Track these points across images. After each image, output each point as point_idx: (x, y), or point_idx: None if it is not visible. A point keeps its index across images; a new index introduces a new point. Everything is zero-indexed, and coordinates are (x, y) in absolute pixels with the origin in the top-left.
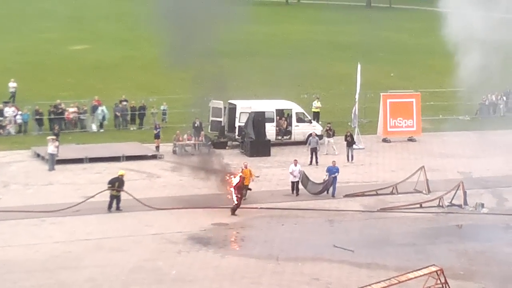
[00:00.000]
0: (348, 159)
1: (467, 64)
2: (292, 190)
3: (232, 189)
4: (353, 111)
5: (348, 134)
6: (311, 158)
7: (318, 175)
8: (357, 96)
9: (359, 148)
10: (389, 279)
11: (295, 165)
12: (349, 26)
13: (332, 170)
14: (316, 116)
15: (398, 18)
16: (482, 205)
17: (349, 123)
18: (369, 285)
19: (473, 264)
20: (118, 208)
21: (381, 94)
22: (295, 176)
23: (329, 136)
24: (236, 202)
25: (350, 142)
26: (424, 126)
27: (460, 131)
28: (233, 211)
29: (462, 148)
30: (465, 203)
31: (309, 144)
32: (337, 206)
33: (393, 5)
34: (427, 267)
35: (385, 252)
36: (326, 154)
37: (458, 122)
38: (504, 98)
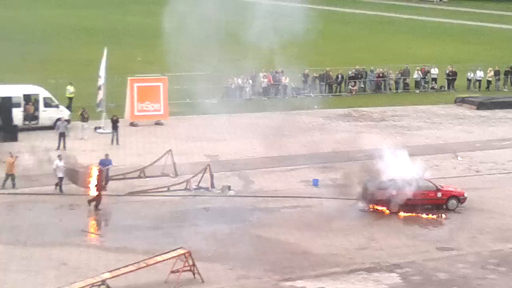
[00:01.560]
0: (113, 142)
1: None
2: (57, 185)
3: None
4: (98, 95)
5: (114, 118)
6: (59, 142)
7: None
8: (103, 81)
9: (107, 132)
10: (137, 262)
11: (60, 160)
12: (96, 11)
13: (105, 163)
14: (70, 101)
15: (145, 2)
16: (229, 188)
17: (95, 108)
18: (118, 268)
19: (220, 246)
20: None
21: (128, 78)
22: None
23: (84, 120)
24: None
25: (115, 125)
26: (171, 110)
27: (207, 114)
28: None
29: (209, 131)
30: (212, 185)
31: (58, 128)
32: (85, 190)
33: None
34: (175, 249)
35: (134, 236)
36: (81, 139)
37: (205, 105)
38: (250, 81)
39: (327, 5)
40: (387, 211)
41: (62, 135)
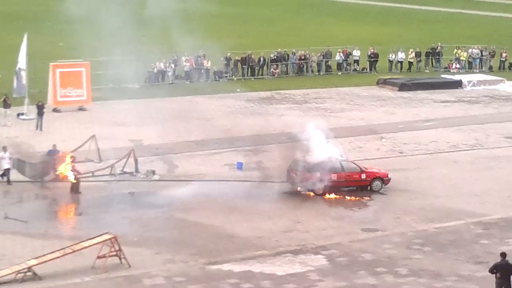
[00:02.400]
0: (37, 128)
1: None
2: (3, 176)
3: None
4: (16, 81)
5: (40, 103)
6: None
7: None
8: (24, 66)
9: (30, 119)
10: (63, 248)
11: (5, 151)
12: None
13: (53, 153)
14: None
15: None
16: (153, 172)
17: (13, 95)
18: (44, 255)
19: (146, 231)
20: None
21: (50, 64)
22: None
23: (6, 107)
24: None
25: (40, 111)
26: (94, 95)
27: (130, 99)
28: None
29: (132, 116)
30: (137, 170)
31: None
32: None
33: None
34: (101, 235)
35: (59, 222)
36: (4, 125)
37: (128, 90)
38: (173, 65)
39: None
40: (312, 194)
41: None
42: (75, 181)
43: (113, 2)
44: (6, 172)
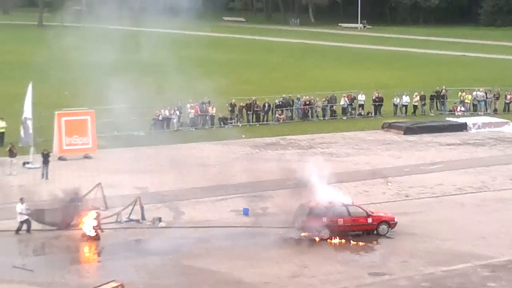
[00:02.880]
0: (43, 176)
1: None
2: (19, 230)
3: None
4: (22, 130)
5: (45, 152)
6: None
7: None
8: (29, 115)
9: (36, 167)
10: None
11: (22, 203)
12: (20, 45)
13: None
14: (1, 136)
15: (71, 35)
16: (160, 219)
17: (20, 145)
18: None
19: (153, 278)
20: None
21: (56, 112)
22: (24, 215)
23: (12, 156)
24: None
25: (46, 160)
26: (100, 143)
27: (135, 146)
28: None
29: (137, 163)
30: (143, 217)
31: None
32: (14, 226)
33: (65, 23)
34: (108, 282)
35: (65, 270)
36: (10, 174)
37: (133, 138)
38: (178, 112)
39: (250, 35)
40: (318, 238)
41: None
42: (94, 236)
43: (118, 50)
44: (27, 223)
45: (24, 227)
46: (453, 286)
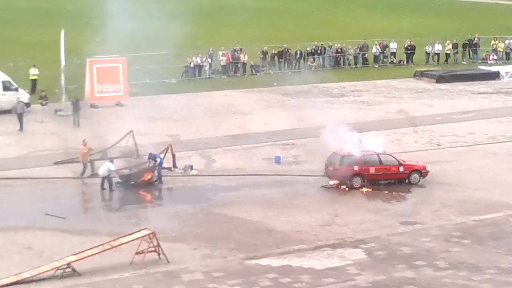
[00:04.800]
0: (74, 124)
1: None
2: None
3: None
4: (61, 78)
5: (75, 99)
6: (21, 124)
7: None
8: (63, 63)
9: (67, 115)
10: (102, 244)
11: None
12: None
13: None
14: (34, 83)
15: None
16: (191, 167)
17: (56, 90)
18: (83, 251)
19: (184, 226)
20: None
21: (87, 59)
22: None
23: (43, 104)
24: None
25: (76, 107)
26: (131, 90)
27: (167, 94)
28: None
29: (169, 111)
30: (174, 165)
31: (15, 110)
32: (47, 173)
33: None
34: (139, 231)
35: (97, 217)
36: (42, 122)
37: (164, 85)
38: (209, 60)
39: None
40: (350, 187)
41: (20, 116)
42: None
43: None
44: (108, 180)
45: (106, 184)
46: (485, 236)
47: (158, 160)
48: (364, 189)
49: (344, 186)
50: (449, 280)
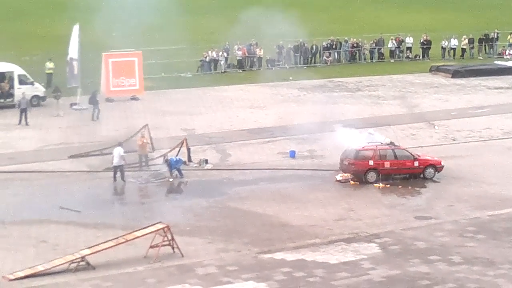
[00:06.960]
0: (93, 118)
1: None
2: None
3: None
4: (68, 71)
5: (94, 93)
6: (20, 118)
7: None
8: (74, 56)
9: (83, 109)
10: (116, 238)
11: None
12: None
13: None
14: (49, 77)
15: None
16: (206, 161)
17: (67, 85)
18: (97, 244)
19: (199, 220)
20: None
21: (103, 53)
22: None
23: (57, 97)
24: None
25: (94, 100)
26: (146, 84)
27: (182, 88)
28: None
29: (184, 105)
30: (189, 159)
31: (19, 105)
32: (61, 167)
33: None
34: (153, 224)
35: (112, 211)
36: (57, 115)
37: (180, 79)
38: (225, 54)
39: None
40: (365, 181)
41: (23, 111)
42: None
43: None
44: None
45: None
46: (499, 231)
47: (171, 161)
48: (380, 184)
49: (353, 182)
50: (463, 275)
